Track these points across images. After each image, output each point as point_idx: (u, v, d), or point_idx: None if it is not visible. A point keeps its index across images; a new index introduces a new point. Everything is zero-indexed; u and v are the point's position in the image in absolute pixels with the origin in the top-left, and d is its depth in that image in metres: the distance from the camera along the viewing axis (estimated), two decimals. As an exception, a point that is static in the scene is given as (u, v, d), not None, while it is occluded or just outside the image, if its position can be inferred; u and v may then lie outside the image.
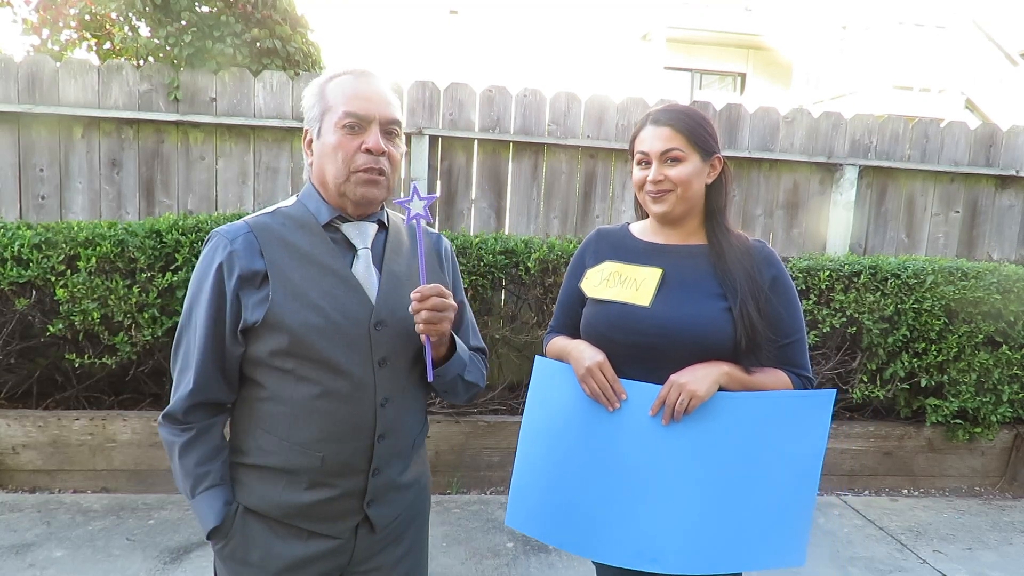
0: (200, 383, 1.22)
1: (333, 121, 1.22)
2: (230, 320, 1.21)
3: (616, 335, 1.46)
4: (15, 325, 3.19)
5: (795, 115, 4.32)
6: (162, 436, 1.26)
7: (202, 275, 1.23)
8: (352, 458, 1.26)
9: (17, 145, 3.79)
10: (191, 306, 1.24)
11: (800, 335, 1.49)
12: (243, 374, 1.26)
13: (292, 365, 1.21)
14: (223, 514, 1.23)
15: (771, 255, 1.50)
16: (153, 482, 3.40)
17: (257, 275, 1.21)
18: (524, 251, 3.52)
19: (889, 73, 9.40)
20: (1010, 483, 3.95)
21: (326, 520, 1.27)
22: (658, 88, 12.32)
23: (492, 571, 2.78)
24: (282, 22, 4.17)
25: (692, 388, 1.36)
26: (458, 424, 3.55)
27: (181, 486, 1.25)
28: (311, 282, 1.22)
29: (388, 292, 1.28)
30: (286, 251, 1.23)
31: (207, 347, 1.21)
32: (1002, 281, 3.59)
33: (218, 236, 1.23)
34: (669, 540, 1.39)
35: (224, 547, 1.25)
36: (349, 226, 1.28)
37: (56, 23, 4.17)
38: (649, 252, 1.52)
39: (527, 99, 4.10)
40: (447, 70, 10.41)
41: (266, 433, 1.24)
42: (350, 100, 1.22)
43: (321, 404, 1.22)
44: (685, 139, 1.43)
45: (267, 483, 1.25)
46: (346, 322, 1.22)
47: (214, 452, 1.25)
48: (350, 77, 1.26)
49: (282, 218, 1.27)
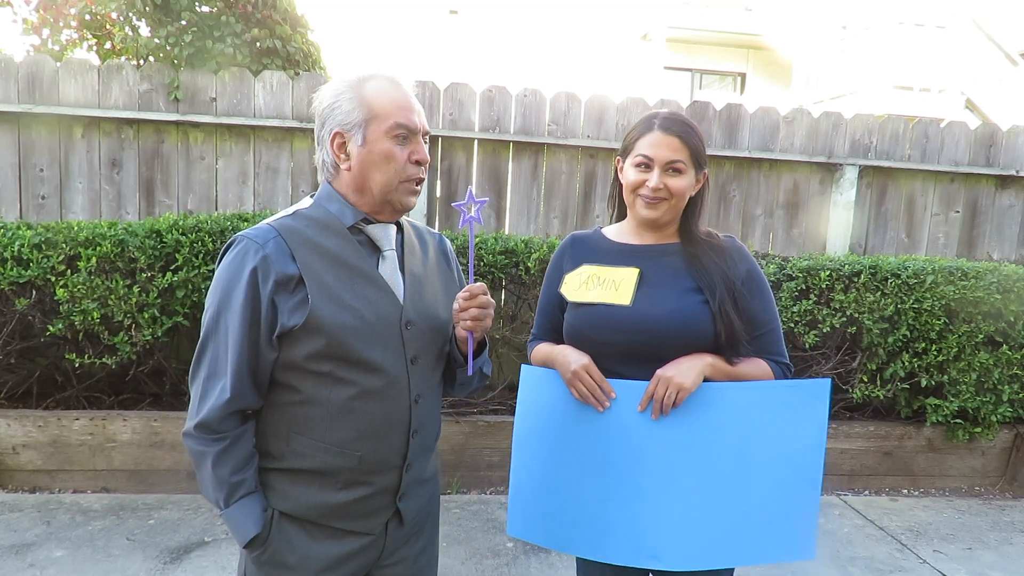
0: (237, 390, 1.20)
1: (383, 129, 1.23)
2: (265, 325, 1.19)
3: (600, 336, 1.48)
4: (15, 325, 3.19)
5: (795, 115, 4.32)
6: (191, 447, 1.22)
7: (231, 281, 1.20)
8: (389, 455, 1.28)
9: (17, 145, 3.79)
10: (219, 312, 1.21)
11: (774, 324, 1.53)
12: (274, 379, 1.24)
13: (329, 367, 1.21)
14: (262, 521, 1.22)
15: (742, 250, 1.54)
16: (153, 482, 3.40)
17: (292, 279, 1.20)
18: (524, 251, 3.52)
19: (889, 73, 9.39)
20: (1010, 483, 3.95)
21: (360, 518, 1.29)
22: (658, 88, 12.31)
23: (492, 571, 2.78)
24: (282, 22, 4.17)
25: (678, 381, 1.38)
26: (458, 424, 3.55)
27: (212, 497, 1.22)
28: (344, 284, 1.23)
29: (413, 292, 1.32)
30: (316, 254, 1.23)
31: (242, 354, 1.19)
32: (1002, 281, 3.59)
33: (246, 240, 1.21)
34: (669, 535, 1.40)
35: (262, 554, 1.25)
36: (374, 228, 1.30)
37: (56, 23, 4.17)
38: (625, 253, 1.54)
39: (527, 99, 4.10)
40: (447, 70, 10.41)
41: (300, 436, 1.24)
42: (400, 110, 1.24)
43: (358, 404, 1.23)
44: (689, 153, 1.46)
45: (301, 486, 1.25)
46: (379, 322, 1.25)
47: (247, 460, 1.23)
48: (387, 83, 1.26)
49: (306, 221, 1.26)
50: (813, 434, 1.41)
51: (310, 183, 3.97)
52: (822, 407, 1.42)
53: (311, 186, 3.95)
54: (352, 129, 1.24)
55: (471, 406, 3.66)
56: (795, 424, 1.41)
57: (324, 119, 1.27)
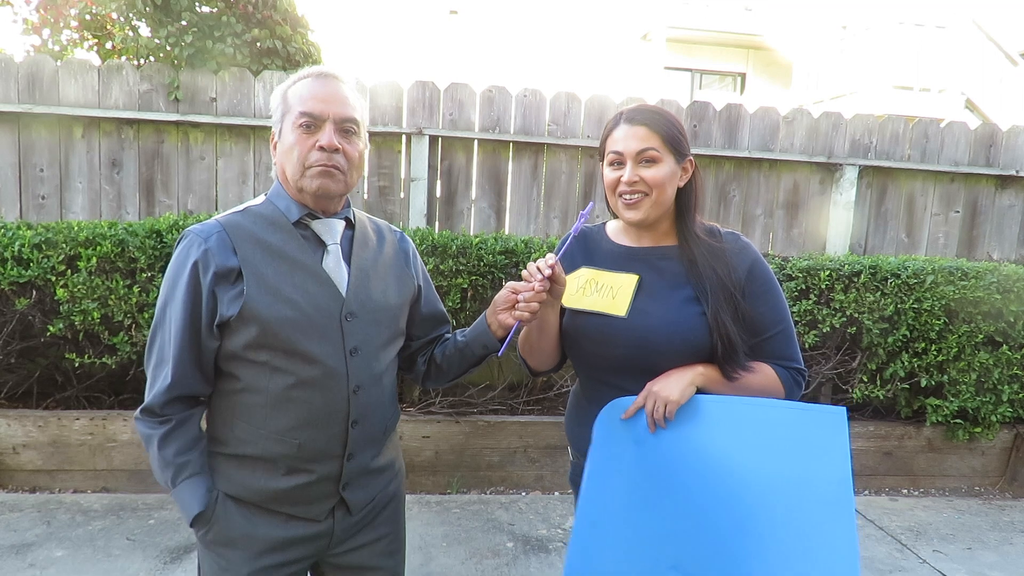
0: (178, 377, 1.26)
1: (291, 122, 1.28)
2: (206, 315, 1.25)
3: (594, 348, 1.46)
4: (15, 325, 3.19)
5: (795, 115, 4.32)
6: (139, 430, 1.30)
7: (176, 273, 1.27)
8: (328, 444, 1.31)
9: (17, 145, 3.79)
10: (165, 303, 1.28)
11: (783, 326, 1.45)
12: (219, 368, 1.31)
13: (266, 357, 1.26)
14: (206, 500, 1.28)
15: (746, 246, 1.46)
16: (153, 482, 3.39)
17: (232, 271, 1.25)
18: (524, 251, 3.52)
19: (889, 73, 9.39)
20: (1010, 483, 3.95)
21: (303, 503, 1.33)
22: (658, 88, 12.32)
23: (492, 571, 2.78)
24: (282, 22, 4.17)
25: (665, 394, 1.35)
26: (458, 424, 3.55)
27: (160, 477, 1.29)
28: (283, 277, 1.27)
29: (357, 285, 1.34)
30: (259, 248, 1.28)
31: (183, 342, 1.25)
32: (1002, 281, 3.59)
33: (191, 235, 1.27)
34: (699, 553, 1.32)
35: (207, 533, 1.31)
36: (318, 223, 1.34)
37: (56, 23, 4.18)
38: (624, 257, 1.49)
39: (527, 99, 4.10)
40: (447, 70, 10.42)
41: (243, 423, 1.29)
42: (306, 101, 1.27)
43: (296, 393, 1.27)
44: (661, 139, 1.39)
45: (246, 470, 1.30)
46: (318, 314, 1.28)
47: (192, 442, 1.29)
48: (310, 80, 1.30)
49: (253, 216, 1.32)
50: (837, 467, 1.30)
51: (310, 183, 3.96)
52: (841, 438, 1.31)
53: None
54: (276, 127, 1.33)
55: (471, 406, 3.66)
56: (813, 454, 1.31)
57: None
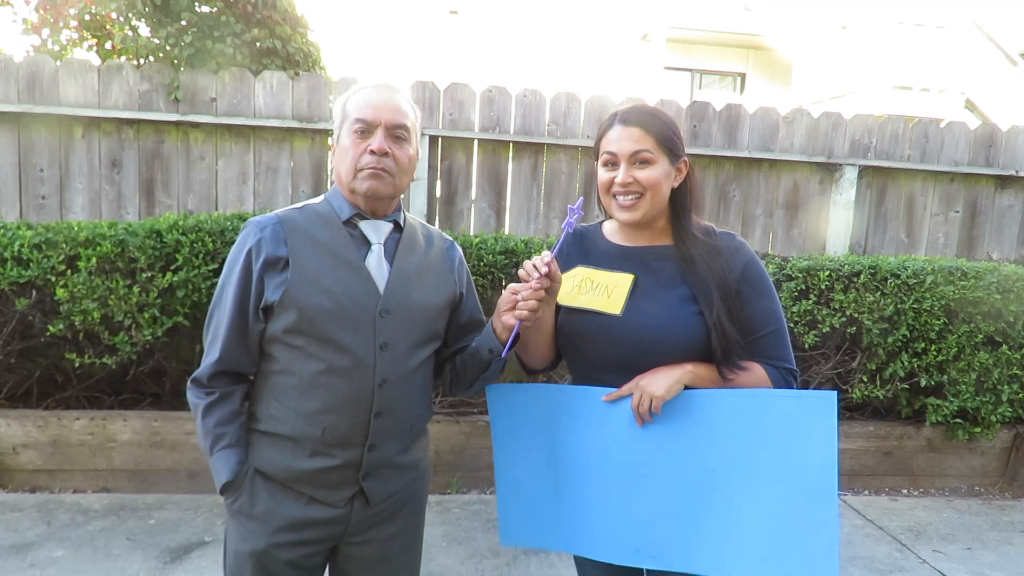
0: (224, 353, 1.38)
1: (347, 128, 1.39)
2: (254, 298, 1.36)
3: (589, 347, 1.46)
4: (15, 325, 3.19)
5: (795, 115, 4.32)
6: (189, 399, 1.41)
7: (234, 258, 1.39)
8: (350, 431, 1.38)
9: (17, 145, 3.79)
10: (223, 284, 1.40)
11: (776, 326, 1.44)
12: (262, 349, 1.40)
13: (302, 342, 1.35)
14: (236, 471, 1.37)
15: (741, 245, 1.46)
16: (153, 482, 3.40)
17: (280, 260, 1.36)
18: (524, 251, 3.52)
19: (889, 73, 9.39)
20: (1010, 483, 3.95)
21: (324, 487, 1.39)
22: (658, 88, 12.31)
23: (492, 571, 2.78)
24: (282, 22, 4.17)
25: (651, 390, 1.36)
26: (458, 424, 3.55)
27: (202, 444, 1.40)
28: (326, 270, 1.37)
29: (396, 284, 1.41)
30: (308, 242, 1.38)
31: (233, 321, 1.37)
32: (1002, 281, 3.59)
33: (251, 225, 1.40)
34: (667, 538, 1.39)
35: (234, 502, 1.40)
36: (366, 223, 1.43)
37: (56, 23, 4.17)
38: (620, 256, 1.49)
39: (527, 99, 4.10)
40: (447, 70, 10.41)
41: (277, 403, 1.38)
42: (361, 108, 1.38)
43: (325, 379, 1.35)
44: (655, 141, 1.39)
45: (275, 448, 1.39)
46: (353, 307, 1.36)
47: (232, 416, 1.39)
48: (367, 90, 1.41)
49: (308, 212, 1.43)
50: (822, 451, 1.30)
51: (310, 183, 3.96)
52: (830, 421, 1.30)
53: (311, 186, 3.95)
54: (336, 133, 1.44)
55: (471, 406, 3.66)
56: (800, 439, 1.32)
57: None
